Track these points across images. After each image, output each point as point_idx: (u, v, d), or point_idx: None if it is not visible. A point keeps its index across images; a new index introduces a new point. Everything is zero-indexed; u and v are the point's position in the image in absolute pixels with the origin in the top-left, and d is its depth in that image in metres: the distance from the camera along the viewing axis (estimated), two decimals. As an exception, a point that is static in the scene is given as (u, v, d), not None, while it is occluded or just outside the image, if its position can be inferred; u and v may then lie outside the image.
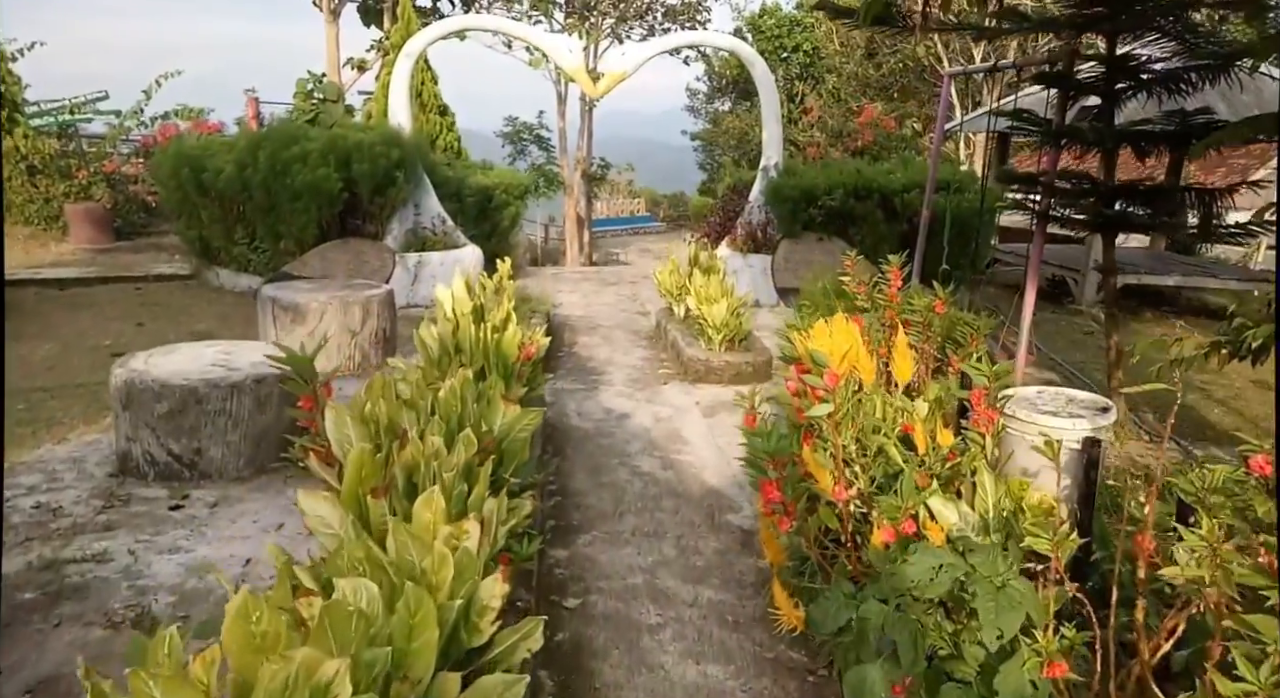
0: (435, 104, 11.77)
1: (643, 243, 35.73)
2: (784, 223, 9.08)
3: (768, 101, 9.47)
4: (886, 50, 27.57)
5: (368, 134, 8.34)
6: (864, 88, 29.88)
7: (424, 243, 8.88)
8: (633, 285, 10.41)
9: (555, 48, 8.94)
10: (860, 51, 29.66)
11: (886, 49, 27.40)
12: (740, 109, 36.38)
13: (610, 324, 8.18)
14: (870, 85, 29.48)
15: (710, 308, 6.23)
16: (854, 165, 9.55)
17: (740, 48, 9.42)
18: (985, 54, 22.93)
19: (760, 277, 9.16)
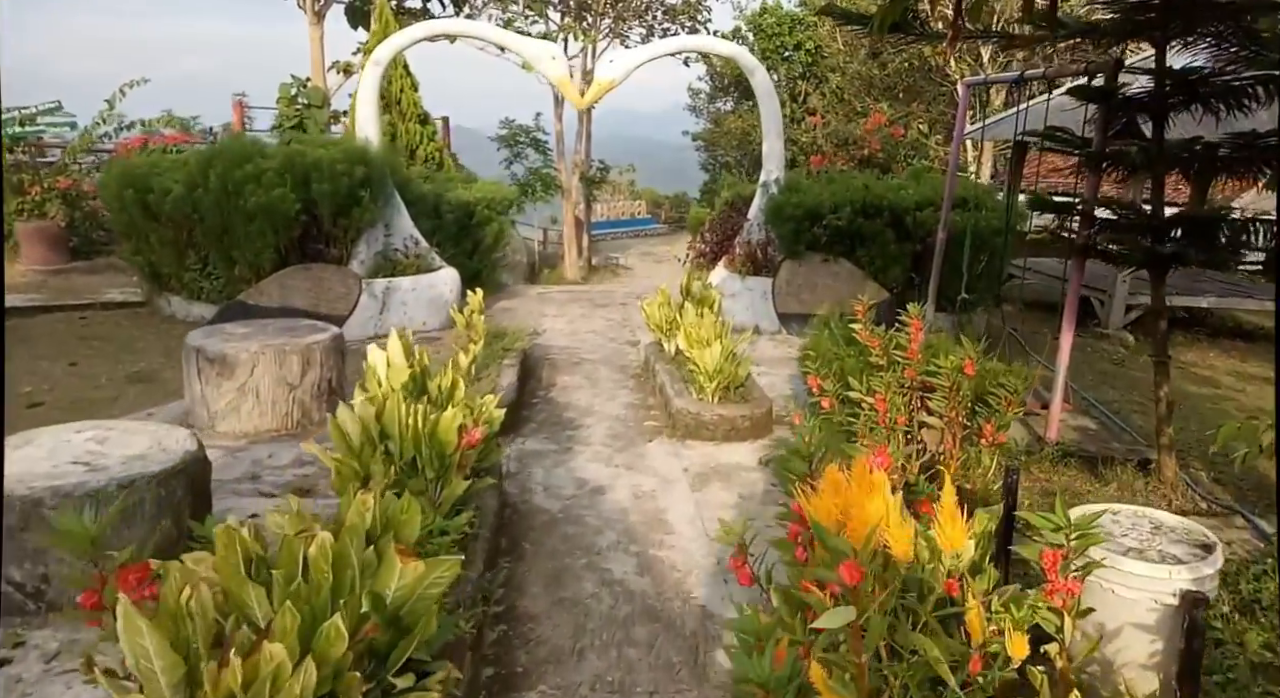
0: (415, 112, 10.97)
1: (644, 246, 34.88)
2: (786, 243, 8.26)
3: (768, 113, 8.64)
4: (891, 50, 26.68)
5: (329, 150, 7.54)
6: (868, 88, 28.97)
7: (394, 267, 8.08)
8: (624, 308, 9.60)
9: (536, 55, 8.13)
10: (864, 51, 28.76)
11: (891, 49, 26.52)
12: (742, 109, 35.52)
13: (596, 358, 7.37)
14: (875, 85, 28.57)
15: (702, 352, 5.42)
16: (861, 180, 8.72)
17: (739, 55, 8.61)
18: (993, 55, 22.06)
19: (760, 301, 8.35)
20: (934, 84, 26.61)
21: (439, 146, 11.29)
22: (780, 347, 7.92)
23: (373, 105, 8.04)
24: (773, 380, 6.67)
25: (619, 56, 8.38)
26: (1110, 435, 5.72)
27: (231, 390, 4.93)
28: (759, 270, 8.47)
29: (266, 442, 4.91)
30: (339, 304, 7.67)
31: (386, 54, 8.05)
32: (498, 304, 9.65)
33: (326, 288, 7.65)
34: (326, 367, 5.23)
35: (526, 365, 6.66)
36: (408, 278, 8.01)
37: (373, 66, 8.00)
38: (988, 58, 22.02)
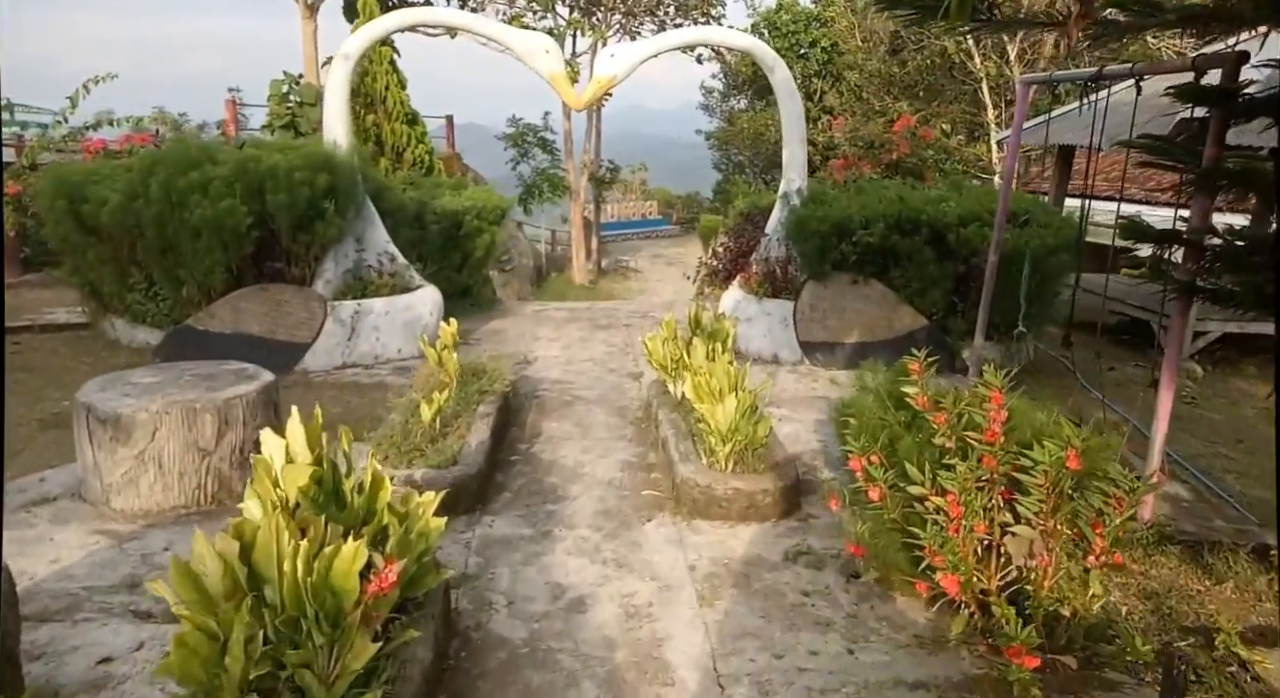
0: (402, 112, 9.95)
1: (655, 247, 33.74)
2: (810, 261, 7.18)
3: (790, 115, 7.56)
4: (912, 46, 25.44)
5: (287, 156, 6.52)
6: (887, 86, 27.75)
7: (366, 287, 7.07)
8: (627, 330, 8.55)
9: (528, 49, 7.08)
10: (884, 47, 27.53)
11: (912, 45, 25.27)
12: (756, 108, 34.33)
13: (591, 396, 6.33)
14: (894, 83, 27.35)
15: (714, 407, 4.36)
16: (896, 191, 7.62)
17: (756, 49, 7.52)
18: (1022, 51, 20.84)
19: (780, 326, 7.28)
20: (955, 82, 25.38)
21: (428, 149, 10.27)
22: (804, 380, 6.85)
23: (341, 105, 7.02)
24: (796, 429, 5.62)
25: (620, 50, 7.32)
26: (1209, 508, 4.63)
27: (129, 459, 3.92)
28: (778, 292, 7.40)
29: (170, 524, 3.90)
30: (300, 330, 6.66)
31: (357, 47, 7.02)
32: (488, 325, 8.63)
33: (286, 312, 6.64)
34: (253, 425, 4.21)
35: (508, 409, 5.63)
36: (381, 299, 6.99)
37: (341, 61, 6.97)
38: (1014, 55, 20.82)
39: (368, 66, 9.72)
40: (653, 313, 9.36)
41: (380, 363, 6.97)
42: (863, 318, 7.11)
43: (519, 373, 6.89)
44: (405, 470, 4.12)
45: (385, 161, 9.84)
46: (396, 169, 9.90)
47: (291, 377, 6.58)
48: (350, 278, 7.10)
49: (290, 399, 6.35)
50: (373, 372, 6.80)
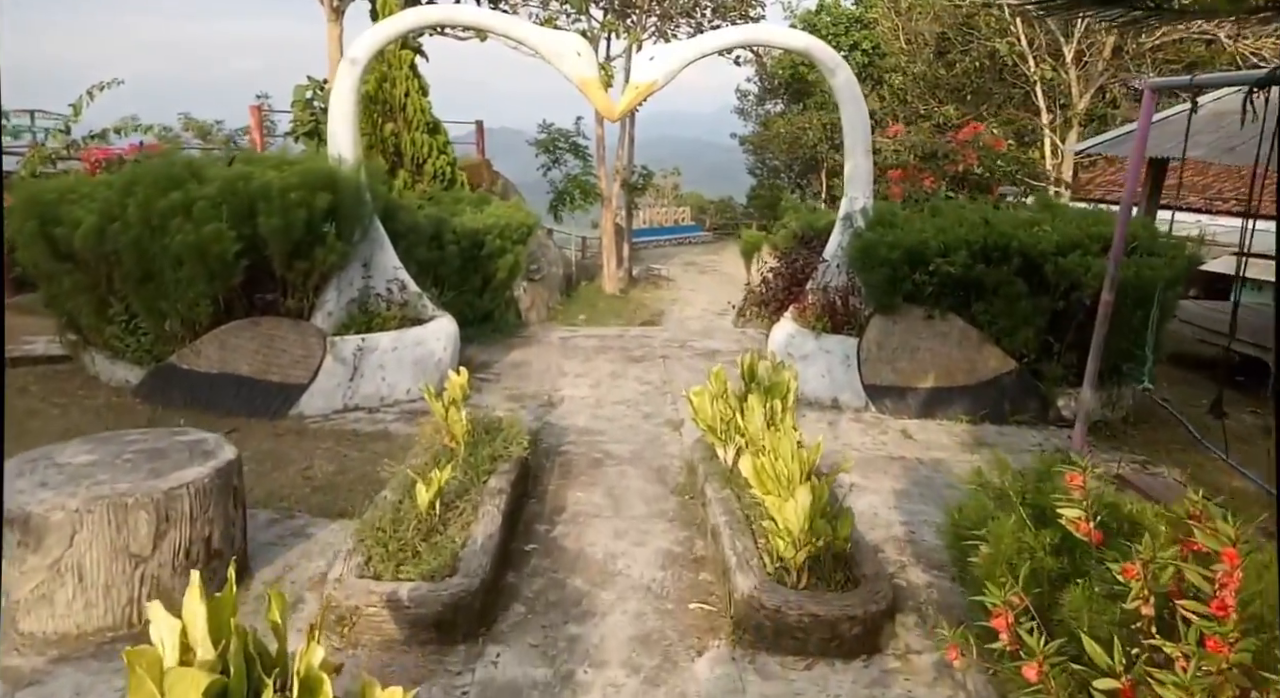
0: (422, 120, 9.08)
1: (688, 254, 32.67)
2: (877, 293, 6.16)
3: (854, 123, 6.54)
4: (959, 48, 24.15)
5: (283, 173, 5.65)
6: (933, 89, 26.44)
7: (371, 319, 6.18)
8: (664, 363, 7.58)
9: (555, 50, 6.15)
10: (929, 49, 26.23)
11: (959, 47, 23.98)
12: (793, 112, 33.16)
13: (624, 452, 5.38)
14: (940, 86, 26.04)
15: (782, 504, 3.38)
16: (978, 212, 6.57)
17: (816, 49, 6.51)
18: (1080, 52, 19.51)
19: (840, 366, 6.27)
20: (1005, 85, 24.04)
21: (450, 159, 9.39)
22: (870, 432, 5.84)
23: (348, 114, 6.15)
24: (872, 504, 4.62)
25: (661, 53, 6.36)
26: None
27: (41, 569, 3.05)
28: (839, 326, 6.39)
29: (88, 656, 3.01)
30: (296, 369, 5.79)
31: (365, 50, 6.14)
32: (510, 355, 7.72)
33: (280, 349, 5.78)
34: (203, 519, 3.31)
35: (526, 477, 4.69)
36: (388, 334, 6.11)
37: (348, 66, 6.10)
38: (1070, 56, 19.51)
39: (386, 72, 8.88)
40: (691, 342, 8.39)
41: (386, 406, 6.09)
42: (939, 359, 6.07)
43: (541, 419, 5.97)
44: (390, 584, 3.19)
45: (404, 174, 8.99)
46: (416, 182, 9.04)
47: (285, 422, 5.72)
48: (355, 309, 6.23)
49: (281, 450, 5.50)
50: (377, 417, 5.91)
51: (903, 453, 5.43)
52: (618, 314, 22.10)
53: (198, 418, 5.69)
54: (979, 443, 5.66)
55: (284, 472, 4.96)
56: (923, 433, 5.83)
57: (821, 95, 32.16)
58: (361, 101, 8.72)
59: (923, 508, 4.57)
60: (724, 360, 7.59)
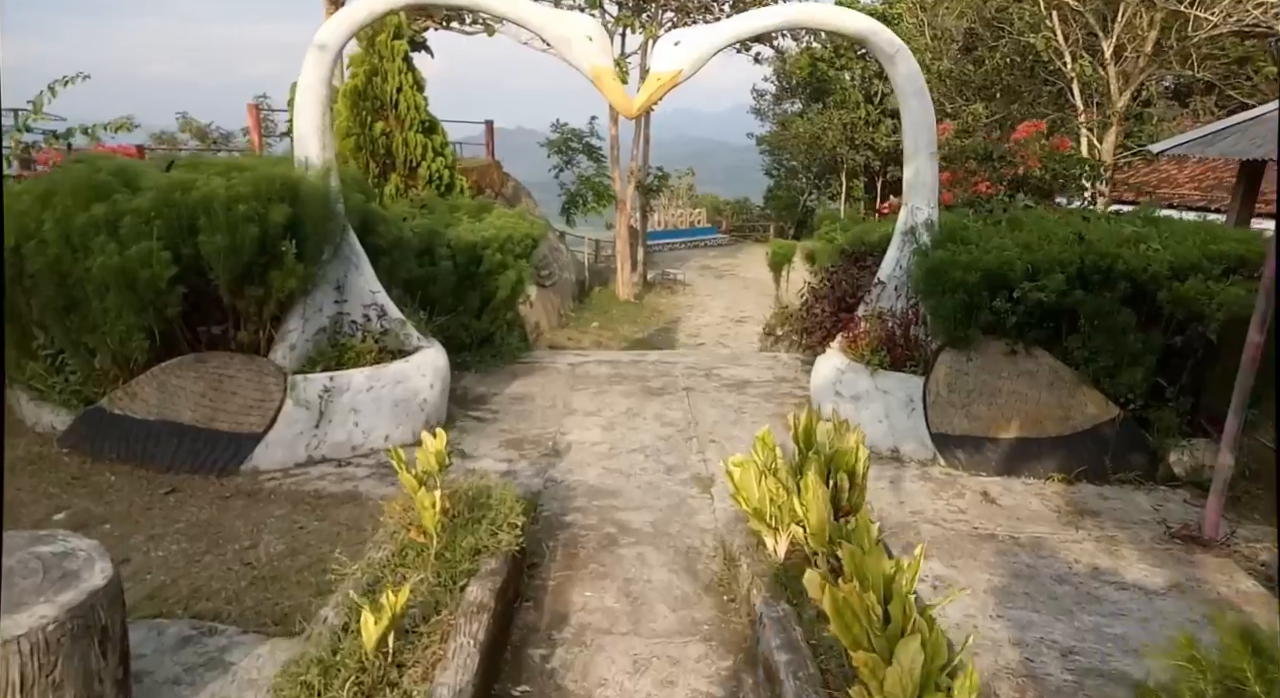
0: (417, 118, 8.03)
1: (703, 258, 31.52)
2: (948, 323, 5.04)
3: (917, 121, 5.43)
4: (987, 44, 22.87)
5: (232, 181, 4.60)
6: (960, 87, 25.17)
7: (343, 353, 5.13)
8: (687, 396, 6.49)
9: (563, 34, 5.08)
10: (956, 46, 24.95)
11: (988, 43, 22.70)
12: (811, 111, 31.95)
13: (643, 524, 4.30)
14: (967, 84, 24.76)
15: (880, 666, 2.29)
16: (1068, 226, 5.44)
17: (874, 32, 5.37)
18: (1120, 44, 18.23)
19: (902, 410, 5.17)
20: (1036, 82, 22.74)
21: (448, 162, 8.34)
22: (942, 493, 4.74)
23: (316, 111, 5.09)
24: (965, 608, 3.51)
25: (688, 37, 5.26)
26: None
27: None
28: (900, 361, 5.29)
29: None
30: (249, 415, 4.75)
31: (336, 34, 5.08)
32: (511, 386, 6.66)
33: (230, 391, 4.74)
34: (47, 683, 2.27)
35: (519, 573, 3.63)
36: (363, 370, 5.05)
37: (315, 53, 5.04)
38: (1109, 52, 18.24)
39: (376, 64, 7.83)
40: (718, 369, 7.30)
41: (359, 456, 5.04)
42: (1024, 404, 4.96)
43: (544, 473, 4.90)
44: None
45: (396, 178, 7.95)
46: (409, 187, 8.00)
47: (236, 480, 4.69)
48: (324, 340, 5.18)
49: (223, 519, 4.40)
50: (347, 471, 4.86)
51: (990, 526, 4.32)
52: (632, 321, 21.05)
53: (132, 474, 4.68)
54: (1080, 511, 4.54)
55: (221, 553, 3.92)
56: (1008, 496, 4.72)
57: (841, 94, 30.92)
58: (349, 97, 7.68)
59: (1033, 616, 3.47)
60: (756, 393, 6.51)
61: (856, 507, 3.46)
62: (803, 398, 6.36)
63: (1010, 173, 8.04)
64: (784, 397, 6.43)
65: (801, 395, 6.43)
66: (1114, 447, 4.88)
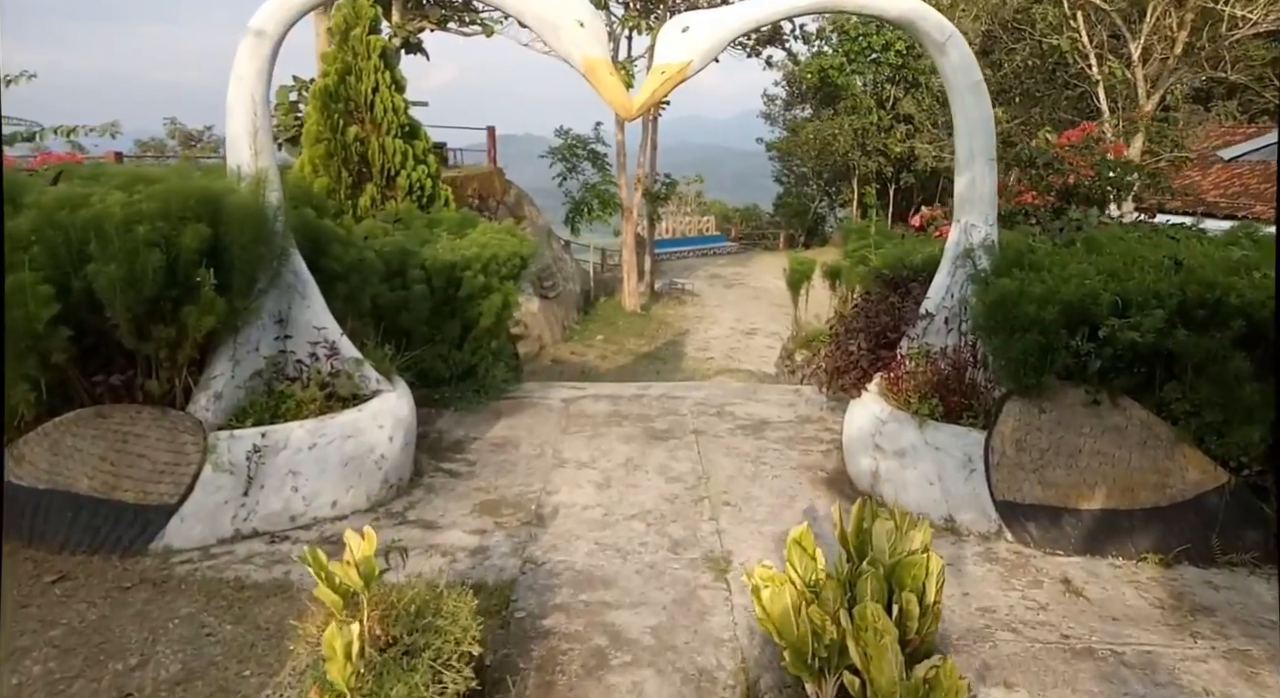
0: (395, 122, 7.11)
1: (712, 266, 30.50)
2: (1016, 366, 4.07)
3: (971, 121, 4.49)
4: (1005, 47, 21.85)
5: (135, 196, 3.69)
6: (976, 92, 24.20)
7: (281, 402, 4.20)
8: (697, 441, 5.54)
9: (550, 19, 4.16)
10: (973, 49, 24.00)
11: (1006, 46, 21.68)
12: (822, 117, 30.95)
13: (642, 634, 3.34)
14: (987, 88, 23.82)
15: None
16: (1159, 247, 4.47)
17: (920, 16, 4.42)
18: (1149, 46, 17.20)
19: (958, 471, 4.20)
20: (1057, 87, 21.71)
21: (431, 171, 7.42)
22: (1013, 579, 3.77)
23: (250, 109, 4.17)
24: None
25: (697, 23, 4.33)
26: None
27: None
28: (954, 411, 4.32)
29: None
30: (160, 482, 3.83)
31: (277, 19, 4.16)
32: (494, 429, 5.72)
33: (137, 453, 3.82)
34: None
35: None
36: (305, 423, 4.12)
37: (251, 41, 4.12)
38: (1137, 54, 17.21)
39: (350, 62, 6.93)
40: (731, 405, 6.35)
41: (299, 528, 4.11)
42: (1111, 467, 3.99)
43: (522, 551, 3.96)
44: None
45: (372, 188, 7.04)
46: (387, 198, 7.09)
47: (143, 562, 3.77)
48: (260, 386, 4.26)
49: (114, 622, 2.99)
50: (280, 550, 3.93)
51: (1082, 632, 3.35)
52: (639, 333, 20.09)
53: (16, 556, 3.77)
54: (1191, 607, 3.57)
55: (96, 677, 3.00)
56: (1095, 584, 3.75)
57: (852, 99, 29.90)
58: (319, 99, 6.79)
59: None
60: (777, 438, 5.55)
61: (928, 641, 2.51)
62: (831, 444, 5.40)
63: (1059, 181, 7.06)
64: (809, 442, 5.48)
65: (830, 440, 5.47)
66: (1223, 521, 3.91)
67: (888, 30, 28.66)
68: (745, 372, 17.36)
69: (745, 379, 16.72)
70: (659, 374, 17.02)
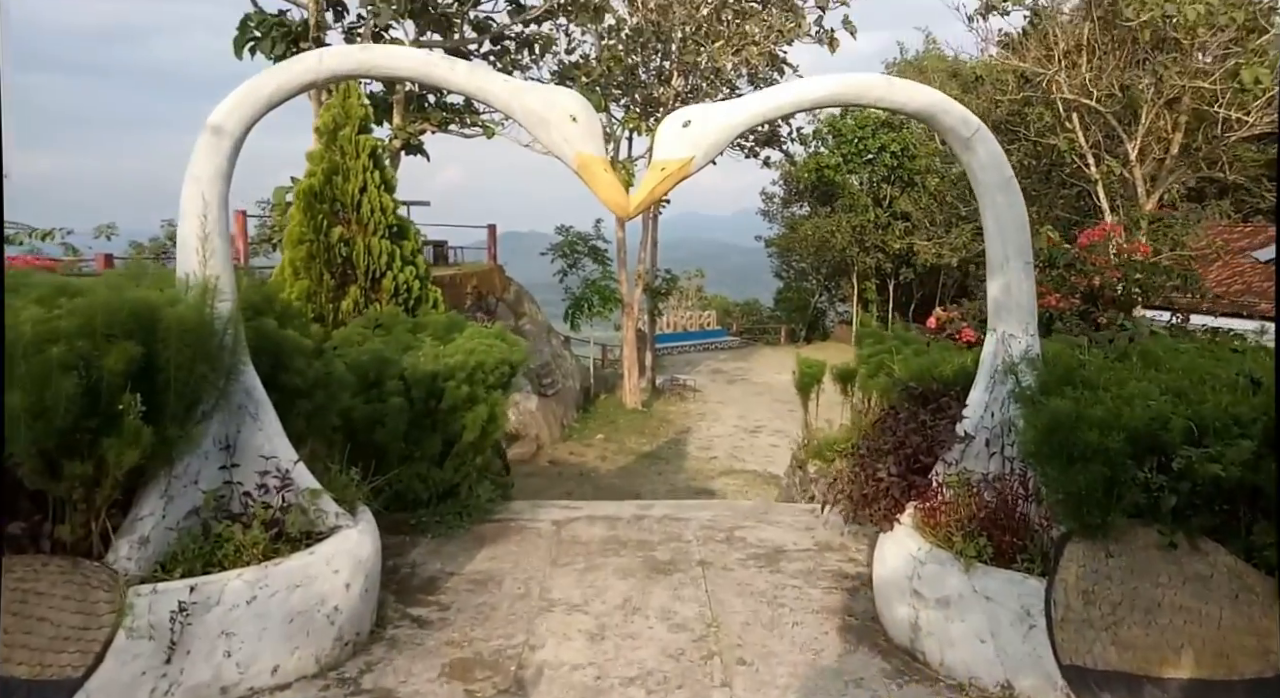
0: (382, 223, 6.76)
1: (714, 361, 30.10)
2: (1077, 504, 3.46)
3: (1003, 219, 4.06)
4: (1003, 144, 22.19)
5: (54, 311, 3.19)
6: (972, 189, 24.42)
7: (217, 546, 3.58)
8: (702, 572, 4.86)
9: (539, 113, 3.80)
10: (967, 149, 24.33)
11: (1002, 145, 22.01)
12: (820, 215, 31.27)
13: None
14: (981, 187, 24.01)
15: None
16: (1229, 361, 3.94)
17: (943, 110, 4.03)
18: (1145, 146, 17.29)
19: (1013, 626, 3.52)
20: (1054, 186, 21.84)
21: (419, 273, 7.02)
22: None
23: (201, 212, 3.73)
24: None
25: (700, 117, 3.95)
26: None
27: None
28: (1006, 552, 3.68)
29: None
30: (64, 652, 3.16)
31: (238, 116, 3.77)
32: (474, 561, 5.04)
33: (37, 615, 3.17)
34: None
35: None
36: (244, 572, 3.48)
37: (209, 138, 3.73)
38: (1134, 153, 17.29)
39: (338, 162, 6.64)
40: (741, 529, 5.68)
41: (233, 701, 3.41)
42: (1198, 625, 3.31)
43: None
44: None
45: (355, 290, 6.61)
46: (371, 300, 6.66)
47: (33, 753, 3.05)
48: (198, 525, 3.64)
49: None
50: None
51: None
52: (640, 432, 19.42)
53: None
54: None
55: None
56: (1199, 782, 3.01)
57: (849, 198, 30.27)
58: (303, 199, 6.45)
59: None
60: (795, 571, 4.86)
61: None
62: (857, 580, 4.72)
63: (1083, 282, 6.62)
64: (832, 578, 4.79)
65: (855, 575, 4.79)
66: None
67: (882, 133, 29.31)
68: (750, 472, 16.61)
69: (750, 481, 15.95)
70: (661, 475, 16.28)
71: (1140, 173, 17.27)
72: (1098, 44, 16.60)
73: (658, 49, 18.11)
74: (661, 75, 18.57)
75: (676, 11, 17.55)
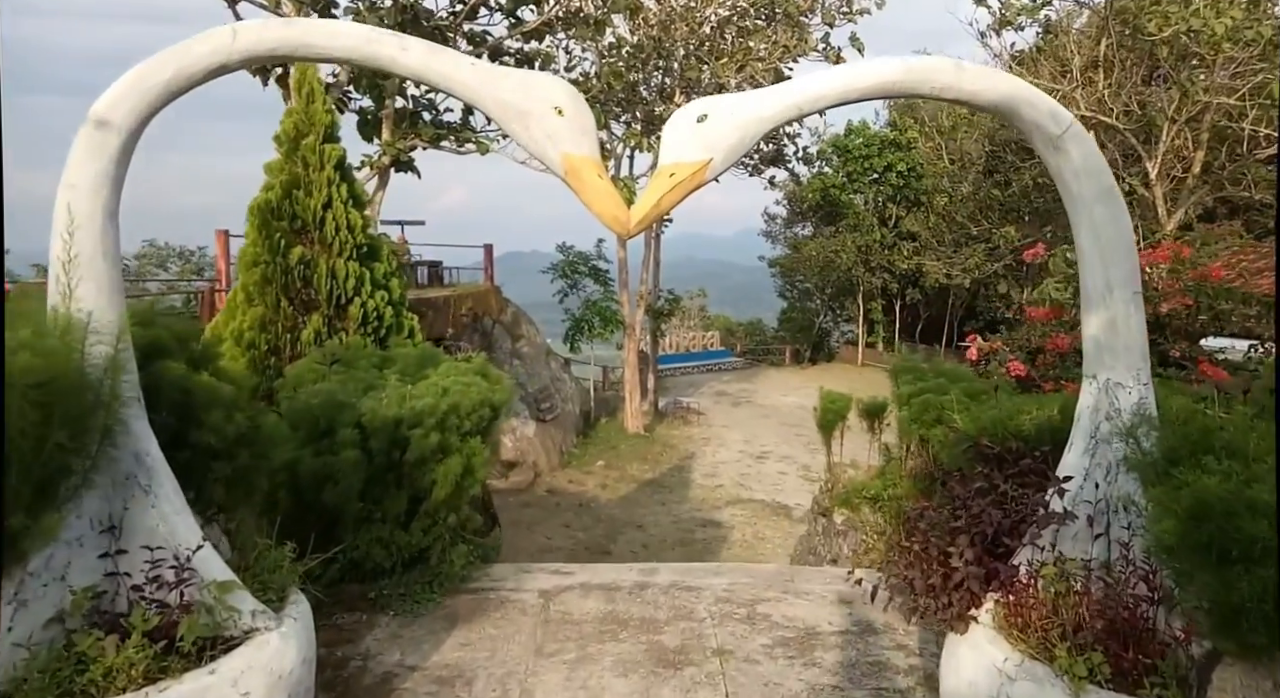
0: (350, 243, 5.88)
1: (717, 383, 29.16)
2: (1233, 619, 2.53)
3: (1103, 237, 3.15)
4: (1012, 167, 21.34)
5: None
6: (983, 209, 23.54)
7: (80, 669, 2.65)
8: (720, 664, 3.93)
9: (514, 103, 2.95)
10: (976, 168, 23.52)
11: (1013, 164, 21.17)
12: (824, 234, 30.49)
13: None
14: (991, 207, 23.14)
15: None
16: None
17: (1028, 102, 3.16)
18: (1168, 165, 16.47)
19: (1141, 776, 2.57)
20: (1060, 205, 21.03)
21: (393, 298, 6.13)
22: None
23: (62, 226, 2.85)
24: None
25: (719, 108, 3.09)
26: None
27: None
28: (1128, 673, 2.74)
29: None
30: None
31: (128, 107, 2.91)
32: (441, 649, 4.10)
33: None
34: None
35: None
36: (119, 702, 2.55)
37: (91, 134, 2.87)
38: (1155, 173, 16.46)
39: (299, 174, 5.78)
40: (763, 604, 4.74)
41: None
42: None
43: None
44: None
45: (317, 319, 5.72)
46: (336, 330, 5.77)
47: None
48: (61, 636, 2.72)
49: None
50: None
51: None
52: (642, 458, 18.45)
53: None
54: None
55: None
56: None
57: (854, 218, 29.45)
58: (258, 216, 5.59)
59: None
60: (834, 663, 3.91)
61: None
62: (911, 676, 3.78)
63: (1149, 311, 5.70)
64: (881, 674, 3.85)
65: (908, 669, 3.85)
66: None
67: (889, 152, 28.54)
68: (758, 502, 15.65)
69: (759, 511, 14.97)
70: (664, 505, 15.33)
71: (1160, 191, 16.44)
72: (1116, 60, 15.85)
73: (659, 66, 17.39)
74: (663, 92, 17.83)
75: (679, 28, 16.85)
